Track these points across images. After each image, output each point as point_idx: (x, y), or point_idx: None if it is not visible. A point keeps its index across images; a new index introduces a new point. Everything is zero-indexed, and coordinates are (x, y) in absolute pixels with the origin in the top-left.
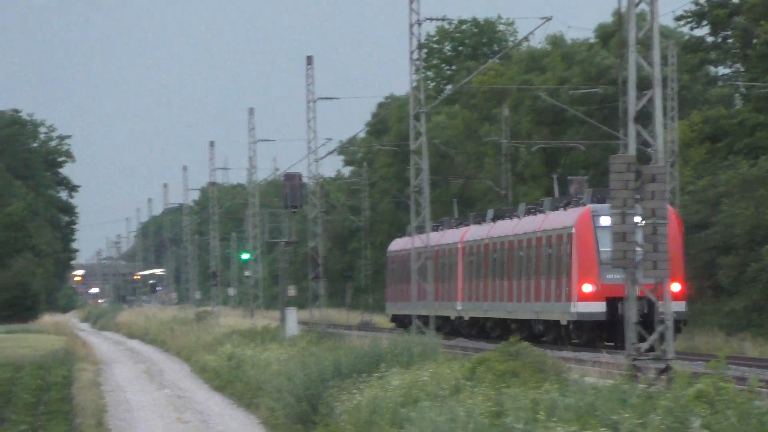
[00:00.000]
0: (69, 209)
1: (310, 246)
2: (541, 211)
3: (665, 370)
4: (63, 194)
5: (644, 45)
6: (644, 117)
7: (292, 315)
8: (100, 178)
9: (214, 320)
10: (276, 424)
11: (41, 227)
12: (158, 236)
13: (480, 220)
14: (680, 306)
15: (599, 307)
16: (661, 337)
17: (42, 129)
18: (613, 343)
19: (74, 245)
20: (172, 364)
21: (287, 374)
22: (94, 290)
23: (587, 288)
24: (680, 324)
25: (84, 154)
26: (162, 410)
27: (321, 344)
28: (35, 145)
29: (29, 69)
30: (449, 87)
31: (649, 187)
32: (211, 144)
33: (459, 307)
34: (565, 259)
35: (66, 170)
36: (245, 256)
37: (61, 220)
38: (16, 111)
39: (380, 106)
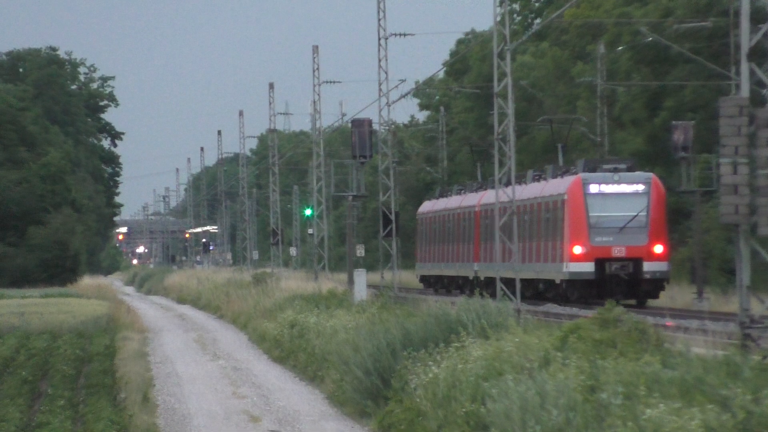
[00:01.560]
0: (112, 159)
1: (381, 200)
2: (544, 178)
3: None
4: (105, 142)
5: None
6: (759, 54)
7: (361, 278)
8: (147, 124)
9: (273, 283)
10: (343, 399)
11: (82, 179)
12: (211, 189)
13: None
14: (662, 266)
15: (588, 267)
16: None
17: (82, 69)
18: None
19: (118, 199)
20: (226, 332)
21: (355, 344)
22: (140, 250)
23: (578, 249)
24: (663, 283)
25: (128, 98)
26: (216, 384)
27: (393, 310)
28: (74, 87)
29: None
30: (538, 21)
31: (763, 133)
32: (271, 86)
33: (476, 268)
34: (558, 223)
35: (109, 115)
36: (308, 211)
37: (103, 172)
38: (53, 49)
39: (460, 43)
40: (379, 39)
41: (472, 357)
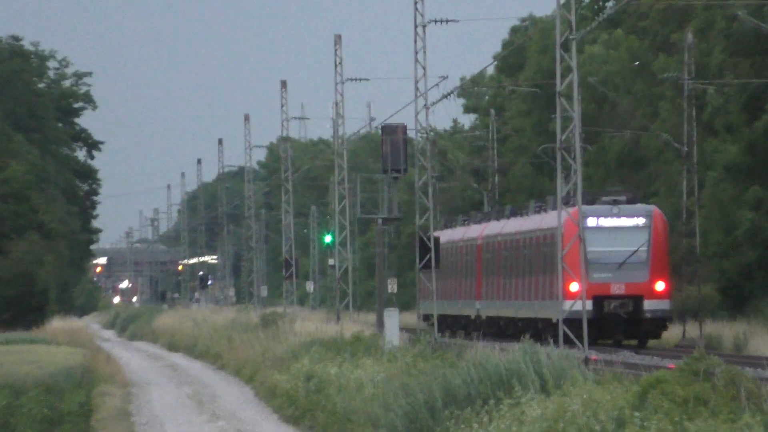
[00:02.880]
0: (89, 174)
1: (418, 224)
2: (544, 209)
3: None
4: (81, 153)
5: None
6: None
7: (393, 319)
8: (131, 131)
9: (286, 326)
10: None
11: (51, 198)
12: (210, 211)
13: (499, 215)
14: (664, 304)
15: (587, 305)
16: None
17: (52, 63)
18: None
19: (96, 223)
20: (228, 386)
21: (386, 401)
22: (124, 285)
23: (574, 287)
24: (665, 322)
25: (109, 100)
26: None
27: (433, 359)
28: (42, 85)
29: None
30: (610, 5)
31: None
32: (283, 85)
33: (477, 306)
34: (555, 259)
35: (85, 120)
36: (329, 238)
37: (78, 189)
38: (16, 39)
39: (514, 31)
40: (416, 27)
41: (529, 417)
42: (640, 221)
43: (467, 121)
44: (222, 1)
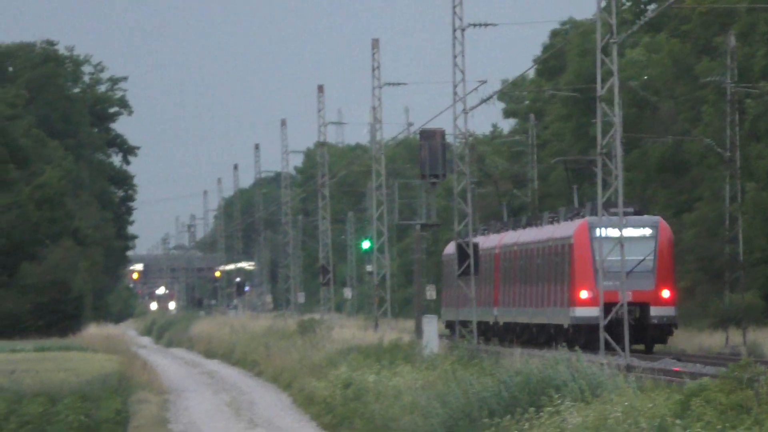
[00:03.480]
0: (124, 180)
1: (456, 230)
2: (557, 220)
3: None
4: (116, 159)
5: None
6: None
7: (432, 325)
8: (167, 137)
9: (324, 333)
10: None
11: (86, 204)
12: (247, 217)
13: (516, 225)
14: (670, 311)
15: (595, 311)
16: None
17: (86, 68)
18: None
19: (131, 230)
20: (266, 393)
21: (424, 409)
22: (160, 291)
23: (584, 294)
24: (671, 327)
25: (144, 105)
26: None
27: (471, 366)
28: (77, 90)
29: None
30: (652, 8)
31: None
32: (320, 89)
33: (495, 313)
34: (566, 267)
35: (120, 126)
36: (366, 244)
37: (113, 195)
38: (50, 43)
39: (554, 35)
40: (454, 30)
41: (570, 425)
42: (647, 231)
43: (506, 126)
44: (259, 5)
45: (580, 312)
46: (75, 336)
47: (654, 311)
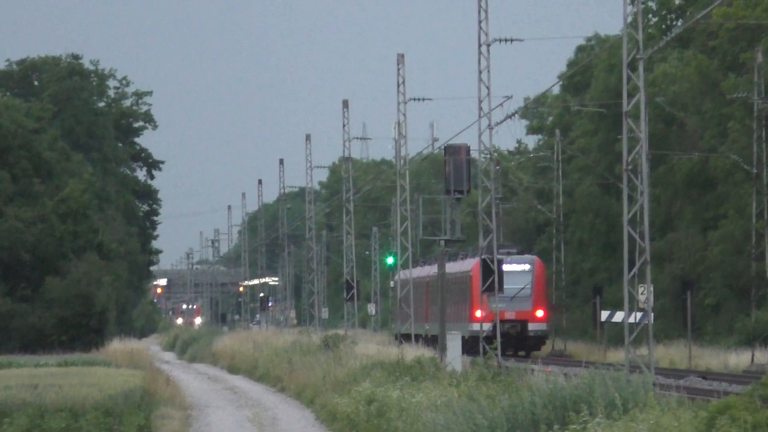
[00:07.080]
0: (149, 194)
1: (481, 245)
2: (464, 257)
3: None
4: (140, 173)
5: None
6: None
7: (456, 342)
8: (192, 151)
9: (347, 349)
10: None
11: (110, 219)
12: (271, 232)
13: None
14: (543, 326)
15: (486, 326)
16: None
17: (111, 82)
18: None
19: (156, 244)
20: (289, 409)
21: (448, 426)
22: (184, 306)
23: (479, 313)
24: (544, 339)
25: (169, 119)
26: None
27: (496, 382)
28: (102, 104)
29: (92, 6)
30: (679, 23)
31: None
32: (345, 104)
33: (427, 327)
34: (467, 293)
35: (145, 140)
36: (391, 259)
37: (137, 209)
38: (75, 57)
39: (580, 50)
40: (480, 46)
41: None
42: (526, 267)
43: (531, 141)
44: (284, 20)
45: (477, 326)
46: (98, 351)
47: (531, 326)
